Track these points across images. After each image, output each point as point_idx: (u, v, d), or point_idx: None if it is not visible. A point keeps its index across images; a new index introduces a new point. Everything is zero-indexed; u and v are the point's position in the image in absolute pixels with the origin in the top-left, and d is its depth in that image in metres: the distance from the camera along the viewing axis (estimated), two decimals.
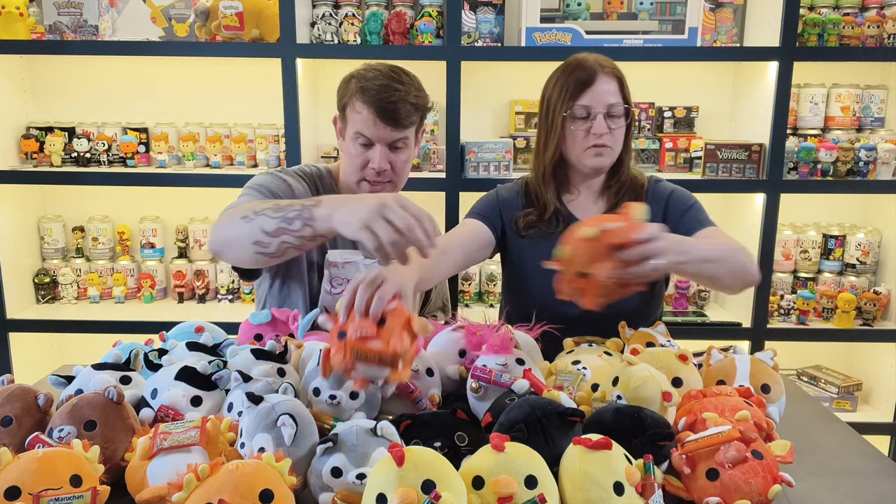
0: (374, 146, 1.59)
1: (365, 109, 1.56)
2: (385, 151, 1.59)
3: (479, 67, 2.69)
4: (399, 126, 1.57)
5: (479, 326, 1.34)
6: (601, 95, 1.60)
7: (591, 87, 1.61)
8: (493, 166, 2.54)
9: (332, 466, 0.95)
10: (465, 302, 2.78)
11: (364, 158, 1.61)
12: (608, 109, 1.60)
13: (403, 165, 1.64)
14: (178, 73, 2.75)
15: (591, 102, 1.60)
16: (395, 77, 1.58)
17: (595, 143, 1.61)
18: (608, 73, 1.62)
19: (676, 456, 1.01)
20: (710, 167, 2.55)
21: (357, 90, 1.57)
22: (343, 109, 1.63)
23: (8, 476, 0.89)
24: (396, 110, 1.55)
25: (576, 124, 1.63)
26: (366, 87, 1.56)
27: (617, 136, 1.63)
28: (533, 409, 1.02)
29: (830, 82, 2.71)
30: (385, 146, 1.59)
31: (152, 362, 1.22)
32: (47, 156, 2.62)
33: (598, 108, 1.60)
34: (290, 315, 1.47)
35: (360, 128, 1.58)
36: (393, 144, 1.60)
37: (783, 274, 2.74)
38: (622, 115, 1.62)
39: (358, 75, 1.60)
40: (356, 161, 1.62)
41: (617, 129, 1.62)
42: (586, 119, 1.61)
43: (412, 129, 1.62)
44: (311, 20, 2.58)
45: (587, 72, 1.62)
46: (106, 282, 2.79)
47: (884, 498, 1.10)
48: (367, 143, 1.59)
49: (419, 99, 1.60)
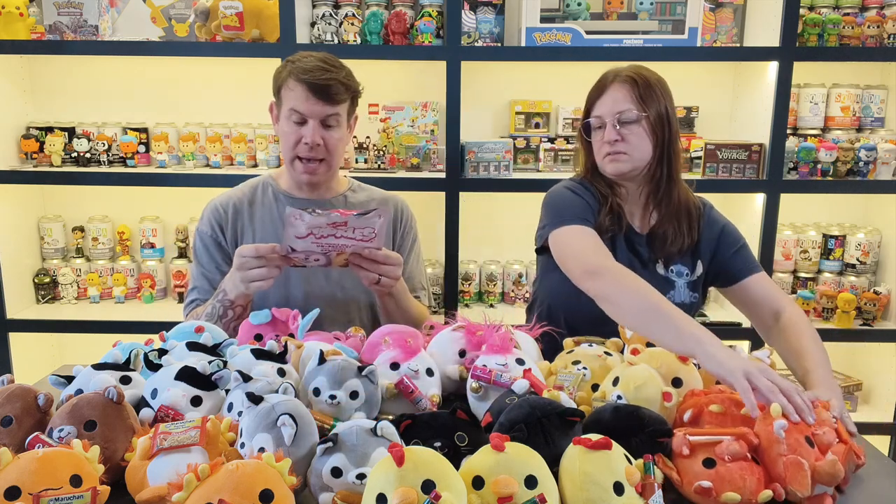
0: (307, 123, 1.68)
1: (298, 87, 1.66)
2: (318, 127, 1.68)
3: (479, 67, 2.69)
4: (330, 101, 1.67)
5: (479, 326, 1.34)
6: (611, 104, 1.64)
7: (601, 97, 1.66)
8: (493, 166, 2.54)
9: (332, 466, 0.95)
10: (465, 302, 2.78)
11: (298, 135, 1.70)
12: (619, 116, 1.62)
13: (336, 143, 1.72)
14: (178, 73, 2.75)
15: (601, 112, 1.65)
16: (328, 60, 1.70)
17: (609, 150, 1.64)
18: (622, 81, 1.64)
19: (679, 436, 1.01)
20: (710, 167, 2.55)
21: (291, 71, 1.68)
22: (278, 91, 1.73)
23: (8, 476, 0.89)
24: (328, 86, 1.65)
25: (593, 135, 1.68)
26: (299, 68, 1.67)
27: (633, 142, 1.63)
28: (533, 409, 1.02)
29: (830, 82, 2.71)
30: (318, 122, 1.68)
31: (152, 362, 1.22)
32: (47, 156, 2.62)
33: (607, 116, 1.64)
34: (290, 315, 1.47)
35: (293, 104, 1.68)
36: (325, 121, 1.69)
37: (783, 274, 2.74)
38: (634, 121, 1.61)
39: (292, 59, 1.71)
40: (290, 139, 1.71)
41: (631, 134, 1.62)
42: (601, 129, 1.66)
43: (343, 107, 1.71)
44: (311, 20, 2.58)
45: (602, 82, 1.68)
46: (106, 282, 2.79)
47: (884, 498, 1.10)
48: (301, 121, 1.69)
49: (350, 81, 1.71)
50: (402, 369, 1.24)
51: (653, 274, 1.68)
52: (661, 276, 1.69)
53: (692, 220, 1.70)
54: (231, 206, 1.82)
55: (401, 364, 1.25)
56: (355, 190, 1.91)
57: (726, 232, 1.74)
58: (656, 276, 1.68)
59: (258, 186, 1.87)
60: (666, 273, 1.70)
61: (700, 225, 1.72)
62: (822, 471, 0.98)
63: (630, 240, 1.70)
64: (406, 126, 2.68)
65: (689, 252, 1.70)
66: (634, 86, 1.63)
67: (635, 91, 1.62)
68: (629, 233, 1.70)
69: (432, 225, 2.58)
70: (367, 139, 2.64)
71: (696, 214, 1.72)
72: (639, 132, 1.62)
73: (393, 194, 1.95)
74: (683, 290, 1.69)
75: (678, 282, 1.69)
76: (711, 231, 1.73)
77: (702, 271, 1.72)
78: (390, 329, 1.35)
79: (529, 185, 2.52)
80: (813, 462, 0.99)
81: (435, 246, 2.61)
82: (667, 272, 1.70)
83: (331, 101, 1.67)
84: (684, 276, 1.70)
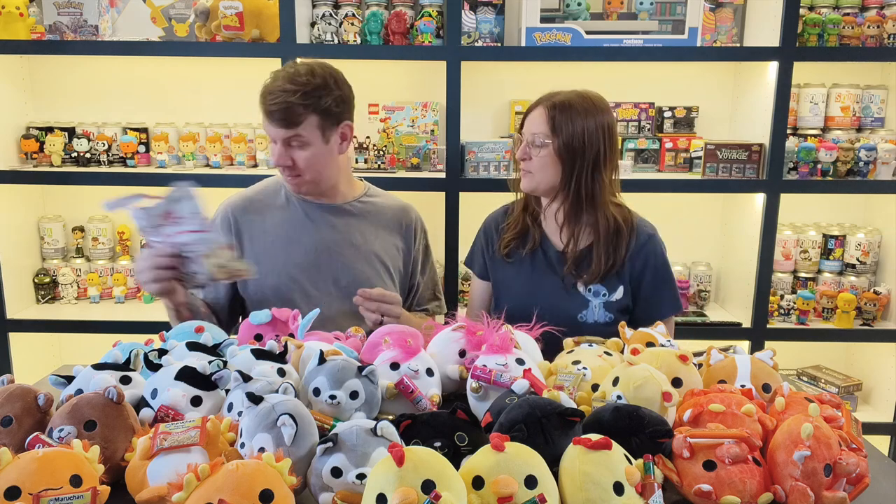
0: (276, 143, 1.70)
1: (261, 110, 1.68)
2: (283, 148, 1.68)
3: (479, 67, 2.69)
4: (286, 125, 1.65)
5: (479, 326, 1.34)
6: (529, 124, 1.73)
7: (528, 117, 1.75)
8: (492, 166, 2.54)
9: (332, 466, 0.95)
10: (464, 302, 2.78)
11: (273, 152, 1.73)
12: (531, 137, 1.71)
13: (307, 161, 1.70)
14: (178, 73, 2.75)
15: (524, 129, 1.75)
16: (293, 78, 1.65)
17: (521, 166, 1.77)
18: (545, 106, 1.72)
19: (679, 438, 1.01)
20: (710, 167, 2.55)
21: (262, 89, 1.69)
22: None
23: (8, 476, 0.90)
24: (279, 111, 1.64)
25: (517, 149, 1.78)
26: (264, 88, 1.68)
27: (538, 163, 1.72)
28: (533, 409, 1.02)
29: (830, 82, 2.71)
30: (281, 143, 1.68)
31: (152, 362, 1.21)
32: (47, 156, 2.62)
33: (525, 135, 1.74)
34: (290, 315, 1.47)
35: (264, 126, 1.71)
36: (287, 142, 1.68)
37: (783, 274, 2.74)
38: (542, 145, 1.69)
39: (272, 73, 1.71)
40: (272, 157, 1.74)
41: (537, 156, 1.71)
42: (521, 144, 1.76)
43: (308, 126, 1.67)
44: (311, 20, 2.58)
45: (532, 104, 1.76)
46: (106, 282, 2.79)
47: (884, 498, 1.10)
48: (273, 141, 1.70)
49: (315, 99, 1.65)
50: (402, 369, 1.24)
51: (569, 292, 1.77)
52: (579, 293, 1.77)
53: (619, 245, 1.75)
54: (241, 210, 1.83)
55: (401, 364, 1.25)
56: (371, 195, 1.91)
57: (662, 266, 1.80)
58: (572, 293, 1.77)
59: (271, 188, 1.87)
60: (584, 292, 1.77)
61: (629, 250, 1.76)
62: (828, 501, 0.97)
63: (548, 256, 1.80)
64: (406, 126, 2.68)
65: (613, 274, 1.76)
66: (552, 111, 1.69)
67: (551, 116, 1.69)
68: (547, 249, 1.81)
69: (432, 225, 2.57)
70: (367, 139, 2.64)
71: (624, 240, 1.76)
72: (543, 156, 1.71)
73: (411, 205, 1.96)
74: (598, 310, 1.76)
75: (593, 301, 1.76)
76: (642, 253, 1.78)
77: (622, 295, 1.77)
78: (390, 329, 1.35)
79: None
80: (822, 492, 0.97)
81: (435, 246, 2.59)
82: (585, 291, 1.77)
83: (286, 125, 1.65)
84: (601, 296, 1.76)
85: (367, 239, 1.84)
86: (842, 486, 1.00)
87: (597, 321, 1.75)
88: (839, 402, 1.14)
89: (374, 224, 1.86)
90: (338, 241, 1.81)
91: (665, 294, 1.80)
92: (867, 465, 1.03)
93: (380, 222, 1.87)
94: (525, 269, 1.82)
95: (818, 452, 0.98)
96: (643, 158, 2.71)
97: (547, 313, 1.51)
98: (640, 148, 2.70)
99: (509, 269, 1.84)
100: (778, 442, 1.02)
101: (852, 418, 1.12)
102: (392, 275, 1.86)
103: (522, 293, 1.80)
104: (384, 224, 1.88)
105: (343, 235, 1.82)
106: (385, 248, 1.86)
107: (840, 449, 1.00)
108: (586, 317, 1.76)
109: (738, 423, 1.05)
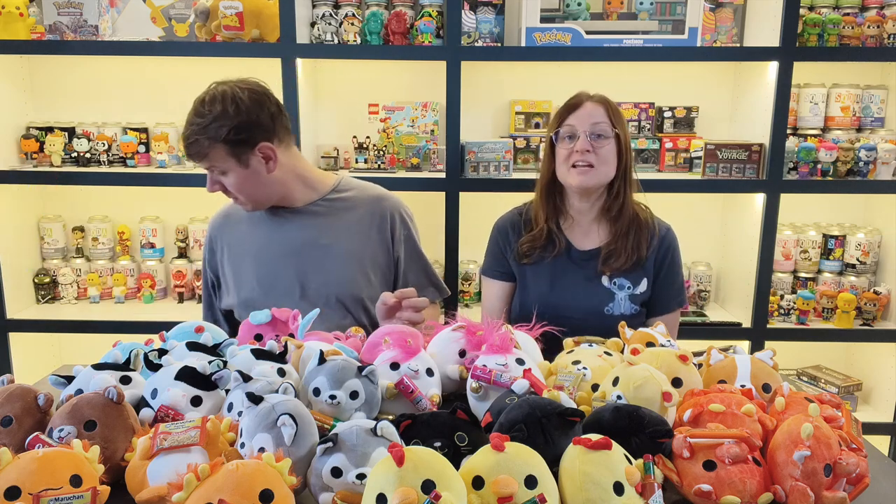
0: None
1: None
2: (209, 176, 1.72)
3: (479, 67, 2.69)
4: (195, 158, 1.69)
5: (479, 326, 1.34)
6: (586, 116, 1.71)
7: (577, 110, 1.73)
8: (493, 166, 2.54)
9: (332, 466, 0.95)
10: (465, 302, 2.78)
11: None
12: (592, 129, 1.69)
13: (235, 186, 1.71)
14: (178, 73, 2.75)
15: (575, 122, 1.72)
16: (197, 109, 1.67)
17: (577, 161, 1.70)
18: (596, 101, 1.74)
19: (679, 438, 1.01)
20: (710, 167, 2.55)
21: None
22: None
23: (8, 476, 0.90)
24: (186, 146, 1.68)
25: (562, 143, 1.74)
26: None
27: (603, 157, 1.70)
28: (533, 409, 1.02)
29: (830, 82, 2.71)
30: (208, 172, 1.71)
31: (152, 362, 1.21)
32: (47, 156, 2.62)
33: (581, 127, 1.70)
34: (290, 315, 1.47)
35: None
36: (210, 170, 1.71)
37: (783, 274, 2.74)
38: (608, 136, 1.70)
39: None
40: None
41: (601, 148, 1.70)
42: (572, 138, 1.72)
43: (216, 154, 1.66)
44: (311, 20, 2.58)
45: (577, 98, 1.76)
46: (106, 282, 2.79)
47: (884, 498, 1.10)
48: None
49: (211, 130, 1.63)
50: (402, 369, 1.24)
51: (596, 286, 1.79)
52: (605, 287, 1.79)
53: (641, 238, 1.79)
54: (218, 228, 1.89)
55: (401, 364, 1.25)
56: (341, 190, 1.86)
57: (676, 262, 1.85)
58: (600, 288, 1.79)
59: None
60: (609, 285, 1.79)
61: (651, 244, 1.80)
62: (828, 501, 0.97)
63: (573, 256, 1.81)
64: (406, 126, 2.68)
65: (637, 267, 1.79)
66: (608, 106, 1.72)
67: (608, 111, 1.72)
68: (571, 250, 1.81)
69: (432, 225, 2.58)
70: (367, 139, 2.64)
71: (646, 233, 1.80)
72: (609, 148, 1.71)
73: (388, 194, 1.90)
74: (625, 303, 1.78)
75: (618, 294, 1.78)
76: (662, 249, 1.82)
77: (646, 287, 1.80)
78: (390, 329, 1.35)
79: (529, 185, 2.49)
80: (822, 492, 0.97)
81: (435, 246, 2.61)
82: (610, 284, 1.79)
83: (197, 158, 1.69)
84: (626, 289, 1.78)
85: (337, 237, 1.79)
86: (842, 486, 1.00)
87: (623, 313, 1.78)
88: (839, 402, 1.14)
89: (344, 221, 1.82)
90: (305, 244, 1.79)
91: (675, 288, 1.84)
92: (867, 465, 1.03)
93: (351, 217, 1.82)
94: (547, 268, 1.83)
95: (818, 452, 0.98)
96: (643, 158, 2.71)
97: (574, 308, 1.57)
98: (640, 148, 2.70)
99: (529, 270, 1.85)
100: (778, 442, 1.02)
101: (852, 418, 1.12)
102: (370, 269, 1.81)
103: (546, 291, 1.82)
104: (357, 218, 1.82)
105: (309, 238, 1.79)
106: (360, 243, 1.81)
107: (840, 449, 1.00)
108: (613, 309, 1.78)
109: (738, 423, 1.05)
